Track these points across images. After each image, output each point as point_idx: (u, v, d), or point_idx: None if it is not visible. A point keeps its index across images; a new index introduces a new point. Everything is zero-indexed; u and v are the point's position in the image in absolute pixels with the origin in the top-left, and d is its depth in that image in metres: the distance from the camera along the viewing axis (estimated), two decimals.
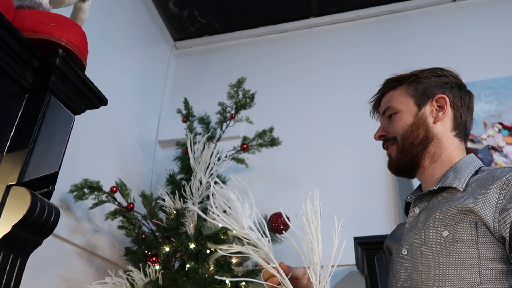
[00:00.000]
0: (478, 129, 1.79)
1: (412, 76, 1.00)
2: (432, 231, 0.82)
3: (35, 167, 0.52)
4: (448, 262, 0.76)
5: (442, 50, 2.13)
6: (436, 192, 0.88)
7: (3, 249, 0.47)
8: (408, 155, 0.94)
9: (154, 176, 2.17)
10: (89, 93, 0.62)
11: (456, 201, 0.80)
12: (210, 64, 2.55)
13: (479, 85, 1.90)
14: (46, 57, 0.57)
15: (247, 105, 1.86)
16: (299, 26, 2.49)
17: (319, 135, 2.09)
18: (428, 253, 0.81)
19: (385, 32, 2.31)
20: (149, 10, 2.38)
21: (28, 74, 0.56)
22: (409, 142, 0.94)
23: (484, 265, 0.72)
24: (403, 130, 0.96)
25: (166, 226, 1.52)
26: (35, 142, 0.53)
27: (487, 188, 0.77)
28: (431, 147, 0.93)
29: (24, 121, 0.55)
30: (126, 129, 2.01)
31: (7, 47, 0.53)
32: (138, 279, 1.36)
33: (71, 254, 1.52)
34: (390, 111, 1.00)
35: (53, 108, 0.57)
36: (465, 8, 2.23)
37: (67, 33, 0.58)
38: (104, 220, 1.58)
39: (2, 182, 0.50)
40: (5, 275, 0.47)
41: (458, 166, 0.88)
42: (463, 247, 0.75)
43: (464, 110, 0.95)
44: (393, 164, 0.98)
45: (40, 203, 0.49)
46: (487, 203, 0.75)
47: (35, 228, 0.50)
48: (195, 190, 1.60)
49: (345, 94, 2.16)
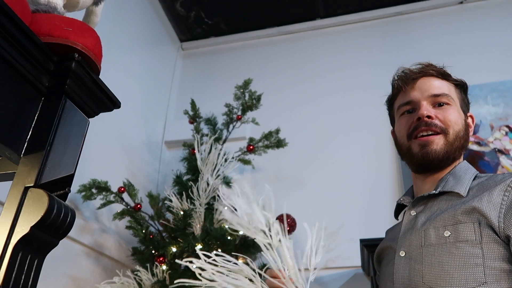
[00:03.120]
0: (485, 132, 1.79)
1: (457, 80, 0.97)
2: (433, 231, 0.81)
3: (52, 169, 0.53)
4: (451, 262, 0.75)
5: (448, 53, 2.13)
6: (435, 196, 0.88)
7: (21, 250, 0.48)
8: (451, 154, 0.90)
9: (161, 177, 2.18)
10: (103, 97, 0.63)
11: (460, 205, 0.80)
12: (217, 65, 2.57)
13: (486, 88, 1.90)
14: (62, 61, 0.57)
15: (254, 106, 1.87)
16: (306, 27, 2.49)
17: (325, 137, 2.09)
18: (429, 254, 0.80)
19: (391, 34, 2.31)
20: (156, 11, 2.39)
21: (44, 78, 0.57)
22: (457, 142, 0.90)
23: (488, 264, 0.72)
24: (457, 127, 0.91)
25: (173, 227, 1.53)
26: (51, 144, 0.54)
27: (491, 190, 0.78)
28: (458, 158, 0.92)
29: (40, 124, 0.56)
30: (133, 129, 2.02)
31: (25, 51, 0.54)
32: (146, 279, 1.37)
33: (79, 253, 1.53)
34: (445, 100, 0.92)
35: (69, 111, 0.58)
36: (472, 10, 2.23)
37: (82, 38, 0.59)
38: (112, 220, 1.59)
39: (20, 184, 0.51)
40: (23, 275, 0.48)
41: (456, 171, 0.88)
42: (467, 247, 0.75)
43: None
44: (433, 155, 0.89)
45: (57, 204, 0.50)
46: (492, 204, 0.75)
47: (52, 230, 0.50)
48: (202, 191, 1.61)
49: (351, 96, 2.16)
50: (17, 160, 0.54)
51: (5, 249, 0.47)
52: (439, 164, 0.90)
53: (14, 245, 0.47)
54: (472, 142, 1.79)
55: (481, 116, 1.84)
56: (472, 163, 1.73)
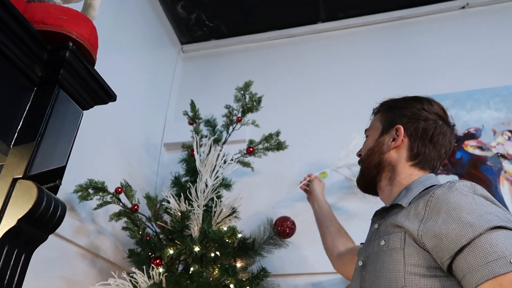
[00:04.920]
0: (488, 136, 1.77)
1: (391, 102, 1.10)
2: (376, 242, 0.91)
3: (42, 160, 0.51)
4: (382, 267, 0.84)
5: (450, 58, 2.12)
6: (389, 208, 0.96)
7: (7, 244, 0.46)
8: (366, 176, 1.07)
9: (159, 179, 2.16)
10: (98, 88, 0.61)
11: (396, 217, 0.88)
12: (217, 68, 2.55)
13: (488, 92, 1.89)
14: (56, 50, 0.56)
15: (254, 108, 1.85)
16: (307, 31, 2.48)
17: (326, 140, 2.07)
18: (370, 262, 0.90)
19: (393, 38, 2.30)
20: (157, 13, 2.38)
21: (37, 67, 0.56)
22: (366, 164, 1.07)
23: (408, 270, 0.79)
24: (365, 153, 1.09)
25: (170, 229, 1.51)
26: (42, 135, 0.52)
27: (418, 202, 0.85)
28: (386, 172, 1.03)
29: (31, 114, 0.54)
30: (132, 131, 2.00)
31: (17, 38, 0.52)
32: (142, 281, 1.34)
33: (74, 255, 1.50)
34: (366, 133, 1.15)
35: (62, 102, 0.56)
36: (474, 15, 2.22)
37: (77, 26, 0.57)
38: (109, 221, 1.56)
39: (8, 176, 0.49)
40: (8, 270, 0.46)
41: (411, 185, 0.96)
42: (394, 254, 0.82)
43: (425, 143, 1.00)
44: (357, 181, 1.13)
45: (47, 197, 0.48)
46: (416, 216, 0.82)
47: (40, 223, 0.48)
48: (200, 193, 1.58)
49: (352, 99, 2.15)
50: (6, 151, 0.51)
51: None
52: (364, 186, 1.10)
53: (0, 239, 0.45)
54: (474, 146, 1.77)
55: (484, 121, 1.82)
56: (475, 168, 1.71)
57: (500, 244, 0.69)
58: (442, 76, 2.05)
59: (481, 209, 0.75)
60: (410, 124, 1.02)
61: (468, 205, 0.76)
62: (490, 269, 0.67)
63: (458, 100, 1.90)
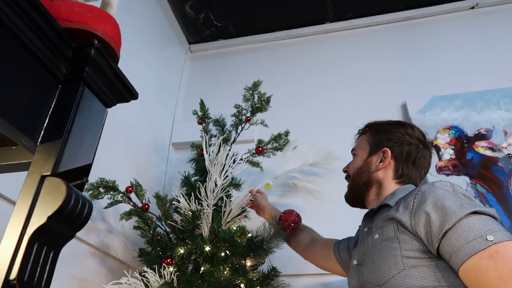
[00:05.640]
0: (498, 137, 1.76)
1: (378, 126, 1.21)
2: (369, 238, 1.01)
3: (69, 158, 0.51)
4: (379, 257, 0.93)
5: (459, 58, 2.11)
6: (377, 211, 1.07)
7: (37, 241, 0.46)
8: (355, 192, 1.19)
9: (167, 178, 2.16)
10: (121, 86, 0.61)
11: (387, 213, 0.99)
12: (225, 68, 2.55)
13: (498, 93, 1.88)
14: (81, 48, 0.56)
15: (263, 108, 1.85)
16: (315, 31, 2.48)
17: (334, 140, 2.07)
18: (367, 256, 0.99)
19: (402, 38, 2.29)
20: (166, 13, 2.39)
21: (62, 65, 0.55)
22: (355, 181, 1.18)
23: (404, 254, 0.88)
24: (353, 171, 1.19)
25: (181, 228, 1.51)
26: (69, 133, 0.52)
27: (406, 197, 0.96)
28: (373, 189, 1.14)
29: (57, 112, 0.54)
30: (140, 130, 2.01)
31: (44, 36, 0.52)
32: (154, 281, 1.34)
33: (85, 253, 1.50)
34: (353, 152, 1.26)
35: (87, 99, 0.56)
36: (484, 15, 2.21)
37: (102, 24, 0.57)
38: (119, 220, 1.56)
39: (36, 173, 0.49)
40: (38, 267, 0.46)
41: (395, 191, 1.08)
42: (389, 243, 0.92)
43: (408, 165, 1.12)
44: (346, 196, 1.24)
45: (75, 194, 0.48)
46: (406, 208, 0.92)
47: (69, 221, 0.48)
48: (210, 192, 1.58)
49: (360, 100, 2.14)
50: (33, 149, 0.51)
51: (20, 239, 0.45)
52: (353, 201, 1.22)
53: (30, 236, 0.45)
54: (485, 147, 1.76)
55: (494, 121, 1.81)
56: (486, 169, 1.70)
57: (476, 225, 0.80)
58: (451, 77, 2.04)
59: (460, 200, 0.86)
60: (396, 147, 1.14)
61: (450, 197, 0.88)
62: (471, 247, 0.78)
63: (468, 101, 1.89)
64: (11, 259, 0.44)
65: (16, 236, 0.45)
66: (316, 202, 1.85)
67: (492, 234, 0.77)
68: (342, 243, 1.36)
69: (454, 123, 1.85)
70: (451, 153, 1.78)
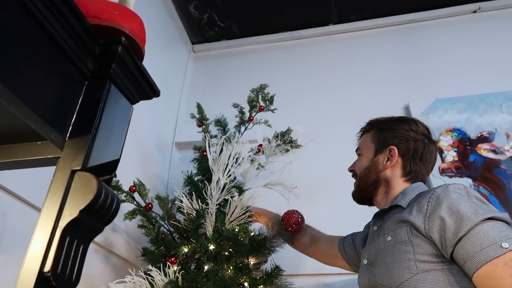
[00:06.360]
0: (501, 140, 1.78)
1: (381, 123, 1.21)
2: (382, 238, 1.01)
3: (98, 153, 0.51)
4: (392, 260, 0.92)
5: (462, 61, 2.13)
6: (388, 210, 1.07)
7: (68, 234, 0.46)
8: (363, 191, 1.18)
9: (170, 178, 2.16)
10: (145, 84, 0.62)
11: (399, 214, 0.98)
12: (228, 69, 2.56)
13: (500, 96, 1.90)
14: (108, 45, 0.56)
15: (266, 108, 1.85)
16: (318, 33, 2.49)
17: (337, 142, 2.08)
18: (379, 257, 0.98)
19: (405, 41, 2.31)
20: (170, 12, 2.39)
21: (89, 61, 0.56)
22: (363, 181, 1.17)
23: (418, 258, 0.88)
24: (360, 171, 1.19)
25: (184, 227, 1.51)
26: (97, 128, 0.52)
27: (420, 200, 0.95)
28: (381, 188, 1.14)
29: (85, 108, 0.54)
30: (143, 130, 2.01)
31: (74, 32, 0.52)
32: (159, 279, 1.34)
33: (90, 250, 1.50)
34: (358, 151, 1.25)
35: (113, 96, 0.56)
36: (486, 19, 2.24)
37: (128, 22, 0.58)
38: (123, 220, 1.57)
39: (67, 167, 0.49)
40: (70, 260, 0.46)
41: (405, 190, 1.07)
42: (402, 246, 0.92)
43: (416, 161, 1.12)
44: (353, 195, 1.23)
45: (105, 189, 0.49)
46: (420, 212, 0.92)
47: (99, 215, 0.49)
48: (214, 191, 1.58)
49: (363, 102, 2.16)
50: (61, 144, 0.52)
51: (53, 233, 0.46)
52: (361, 200, 1.21)
53: (63, 229, 0.46)
54: (488, 150, 1.78)
55: (496, 124, 1.83)
56: (488, 171, 1.72)
57: (491, 232, 0.80)
58: (454, 80, 2.06)
59: (475, 206, 0.86)
60: (402, 144, 1.13)
61: (465, 202, 0.87)
62: (486, 254, 0.77)
63: (471, 104, 1.91)
64: (45, 251, 0.44)
65: (49, 230, 0.46)
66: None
67: (507, 241, 0.77)
68: (347, 239, 1.37)
69: (457, 125, 1.87)
70: (454, 155, 1.80)
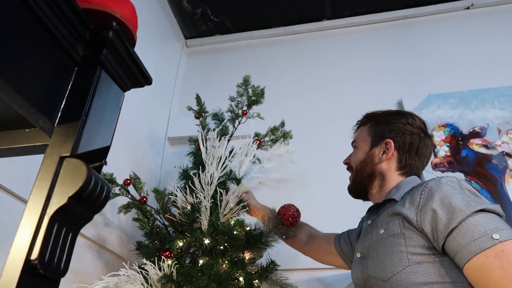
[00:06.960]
0: (493, 135, 1.79)
1: (378, 117, 1.20)
2: (375, 232, 1.01)
3: (88, 140, 0.50)
4: (384, 252, 0.93)
5: (455, 57, 2.14)
6: (382, 204, 1.08)
7: (57, 222, 0.45)
8: (358, 185, 1.18)
9: (163, 173, 2.15)
10: (137, 71, 0.61)
11: (392, 208, 0.99)
12: (221, 63, 2.54)
13: (493, 92, 1.91)
14: (99, 30, 0.55)
15: (258, 101, 1.84)
16: (312, 28, 2.49)
17: (331, 137, 2.08)
18: (372, 250, 0.99)
19: (398, 37, 2.31)
20: (163, 7, 2.37)
21: (79, 47, 0.55)
22: (358, 175, 1.17)
23: (410, 251, 0.88)
24: (356, 164, 1.19)
25: (179, 221, 1.50)
26: (87, 114, 0.51)
27: (412, 193, 0.95)
28: (377, 181, 1.14)
29: (74, 94, 0.53)
30: (136, 125, 1.99)
31: (63, 17, 0.51)
32: (153, 273, 1.33)
33: (82, 245, 1.49)
34: (354, 144, 1.26)
35: (104, 82, 0.55)
36: (479, 15, 2.25)
37: (120, 6, 0.56)
38: (117, 213, 1.55)
39: (55, 154, 0.48)
40: (58, 248, 0.45)
41: (399, 184, 1.08)
42: (394, 239, 0.92)
43: (412, 155, 1.11)
44: (349, 189, 1.23)
45: (95, 176, 0.47)
46: (412, 204, 0.92)
47: (88, 202, 0.48)
48: (205, 185, 1.57)
49: (356, 97, 2.16)
50: (50, 130, 0.51)
51: (40, 220, 0.44)
52: (357, 193, 1.21)
53: (51, 216, 0.44)
54: (479, 145, 1.79)
55: (488, 120, 1.84)
56: (480, 166, 1.73)
57: (482, 223, 0.80)
58: (447, 75, 2.07)
59: (467, 198, 0.86)
60: (398, 137, 1.13)
61: (457, 194, 0.87)
62: (476, 245, 0.78)
63: (464, 99, 1.92)
64: (32, 239, 0.43)
65: (36, 217, 0.44)
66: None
67: (498, 233, 0.77)
68: (342, 236, 1.36)
69: (450, 121, 1.88)
70: (446, 150, 1.81)
